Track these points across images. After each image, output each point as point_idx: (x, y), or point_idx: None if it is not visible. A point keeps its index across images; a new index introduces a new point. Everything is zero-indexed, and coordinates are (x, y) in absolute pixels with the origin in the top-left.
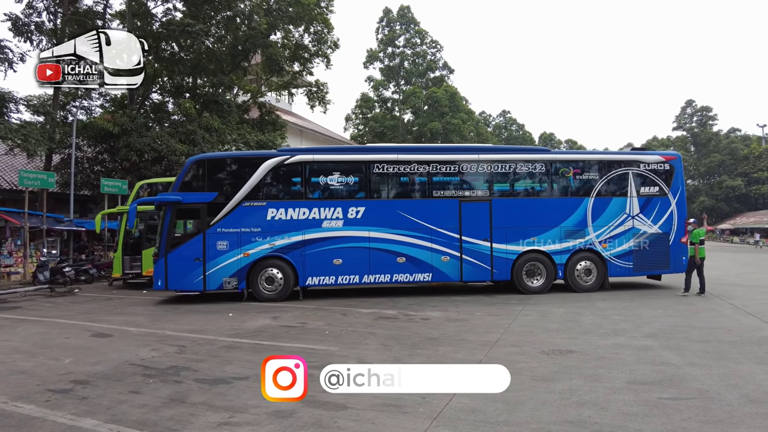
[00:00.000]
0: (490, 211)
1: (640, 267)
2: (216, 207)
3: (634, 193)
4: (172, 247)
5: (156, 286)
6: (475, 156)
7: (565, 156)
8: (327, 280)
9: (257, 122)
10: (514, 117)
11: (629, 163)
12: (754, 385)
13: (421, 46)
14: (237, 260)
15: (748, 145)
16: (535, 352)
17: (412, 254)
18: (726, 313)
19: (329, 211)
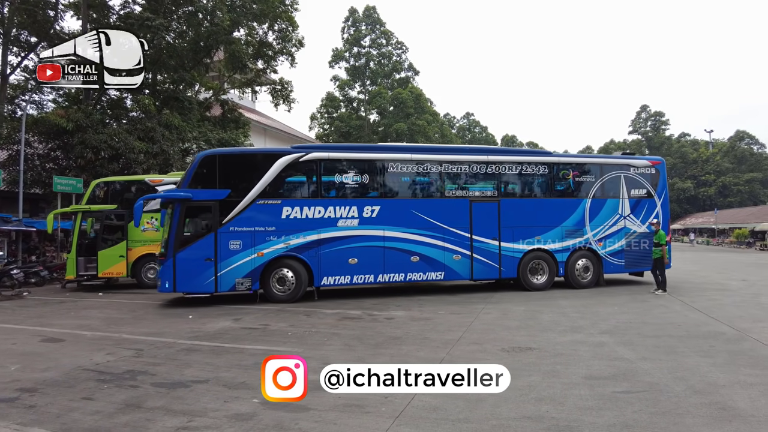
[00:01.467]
0: (498, 211)
1: (630, 264)
2: (228, 205)
3: (626, 195)
4: (181, 247)
5: (162, 288)
6: (485, 157)
7: (566, 159)
8: (342, 279)
9: (219, 120)
10: (477, 119)
11: (621, 166)
12: (699, 377)
13: (387, 46)
14: (251, 260)
15: (697, 149)
16: (496, 349)
17: (425, 253)
18: (676, 310)
19: (344, 209)
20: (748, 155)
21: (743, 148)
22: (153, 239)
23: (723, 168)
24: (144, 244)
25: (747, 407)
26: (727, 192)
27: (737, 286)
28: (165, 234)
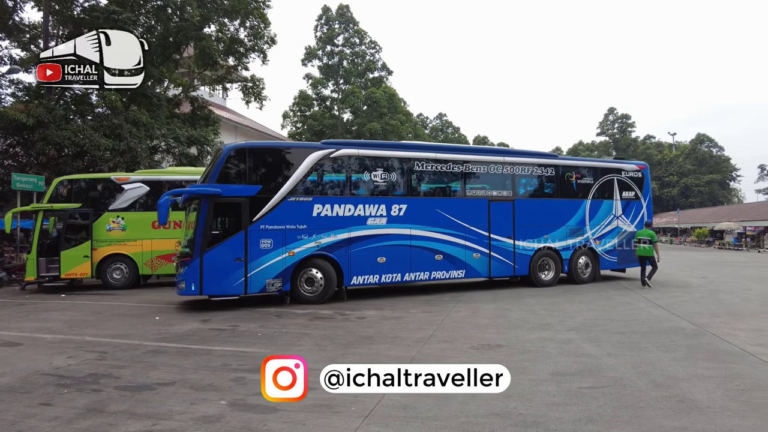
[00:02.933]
0: (513, 211)
1: (622, 261)
2: (258, 202)
3: (618, 196)
4: (209, 246)
5: (187, 291)
6: (501, 158)
7: (570, 162)
8: (371, 279)
9: (189, 117)
10: (450, 120)
11: (615, 170)
12: (660, 371)
13: (360, 46)
14: (282, 260)
15: (661, 151)
16: (466, 347)
17: (448, 251)
18: (640, 306)
19: (374, 207)
20: (708, 157)
21: (703, 150)
22: (119, 239)
23: (685, 169)
24: (110, 243)
25: (704, 399)
26: (689, 193)
27: (698, 283)
28: (189, 232)
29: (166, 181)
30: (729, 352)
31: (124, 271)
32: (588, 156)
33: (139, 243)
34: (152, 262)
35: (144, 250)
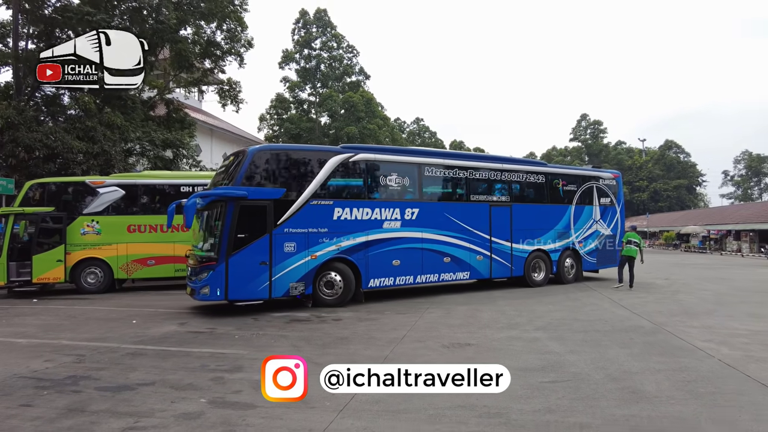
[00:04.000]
0: (510, 215)
1: (600, 262)
2: (282, 205)
3: (597, 202)
4: (235, 250)
5: (212, 296)
6: (500, 165)
7: (558, 170)
8: (387, 281)
9: (164, 120)
10: (427, 125)
11: (594, 178)
12: (616, 366)
13: (338, 50)
14: (305, 263)
15: (631, 156)
16: (437, 346)
17: (455, 254)
18: (604, 307)
19: (389, 211)
20: (676, 163)
21: (672, 156)
22: (93, 243)
23: (654, 174)
24: (84, 248)
25: (653, 390)
26: (658, 197)
27: (661, 284)
28: (213, 236)
29: (142, 185)
30: (680, 348)
31: (98, 276)
32: (561, 161)
33: (114, 247)
34: (128, 266)
35: (119, 254)
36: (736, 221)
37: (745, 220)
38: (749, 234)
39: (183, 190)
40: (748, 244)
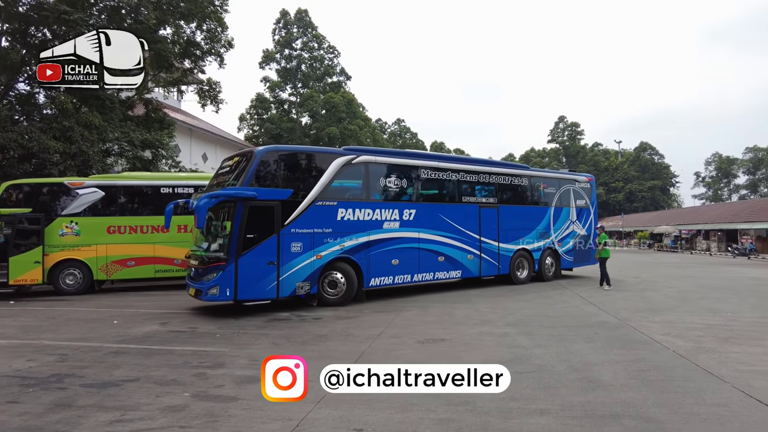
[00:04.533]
0: (497, 216)
1: (576, 260)
2: (289, 205)
3: (573, 204)
4: (244, 250)
5: (221, 296)
6: (489, 168)
7: (538, 173)
8: (386, 280)
9: (143, 120)
10: (408, 126)
11: (571, 181)
12: (579, 358)
13: (319, 50)
14: (310, 263)
15: (608, 158)
16: (412, 341)
17: (448, 253)
18: (574, 304)
19: (389, 212)
20: (650, 164)
21: (646, 158)
22: (72, 244)
23: (630, 176)
24: (63, 249)
25: (609, 379)
26: (633, 198)
27: (631, 282)
28: (221, 237)
29: (122, 186)
30: (640, 341)
31: (77, 277)
32: (540, 162)
33: (93, 248)
34: (107, 267)
35: (99, 256)
36: (706, 221)
37: (714, 220)
38: (717, 234)
39: (163, 192)
40: (716, 244)
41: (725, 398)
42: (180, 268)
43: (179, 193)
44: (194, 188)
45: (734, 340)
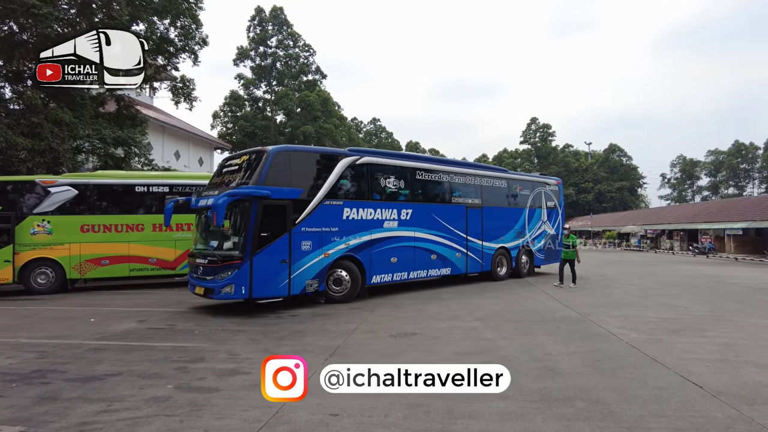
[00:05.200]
0: (481, 216)
1: (547, 258)
2: (299, 204)
3: (545, 205)
4: (259, 249)
5: (236, 294)
6: (475, 171)
7: (516, 176)
8: (386, 277)
9: (114, 116)
10: (383, 125)
11: (543, 183)
12: (540, 350)
13: (294, 48)
14: (319, 261)
15: (578, 159)
16: (385, 336)
17: (440, 251)
18: (540, 300)
19: (389, 212)
20: (619, 166)
21: (615, 159)
22: (44, 243)
23: (599, 176)
24: (34, 248)
25: (566, 367)
26: (602, 198)
27: (595, 280)
28: (235, 235)
29: (96, 185)
30: (597, 334)
31: (49, 276)
32: (512, 163)
33: (66, 247)
34: (81, 266)
35: (72, 254)
36: (669, 221)
37: (677, 221)
38: (680, 233)
39: (138, 190)
40: (679, 243)
41: (665, 382)
42: (155, 266)
43: (154, 192)
44: (169, 187)
45: (682, 332)
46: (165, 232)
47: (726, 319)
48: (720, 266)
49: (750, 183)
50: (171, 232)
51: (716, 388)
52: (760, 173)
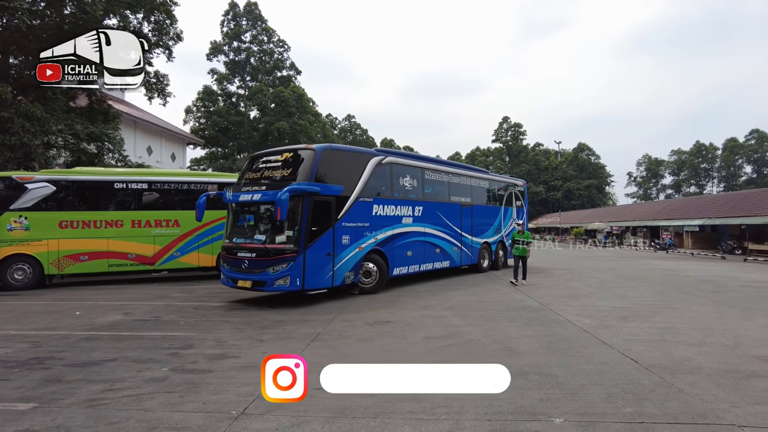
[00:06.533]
0: (471, 214)
1: None
2: (340, 201)
3: (514, 204)
4: (310, 242)
5: (291, 286)
6: (468, 172)
7: (496, 177)
8: (404, 270)
9: (86, 111)
10: (358, 122)
11: (513, 184)
12: (502, 334)
13: (268, 44)
14: (355, 254)
15: (548, 157)
16: (362, 323)
17: (442, 246)
18: (505, 292)
19: (406, 208)
20: (587, 164)
21: (584, 158)
22: (21, 239)
23: (568, 175)
24: (11, 243)
25: (523, 348)
26: (571, 196)
27: (559, 273)
28: (290, 229)
29: (74, 181)
30: (555, 320)
31: (27, 272)
32: (484, 161)
33: (44, 243)
34: (59, 261)
35: (50, 250)
36: (634, 218)
37: (641, 218)
38: (643, 230)
39: (116, 187)
40: (642, 239)
41: (608, 358)
42: (134, 262)
43: (133, 188)
44: (148, 183)
45: (630, 318)
46: (143, 228)
47: (671, 307)
48: (676, 261)
49: (710, 182)
50: (150, 228)
51: (649, 362)
52: (719, 173)
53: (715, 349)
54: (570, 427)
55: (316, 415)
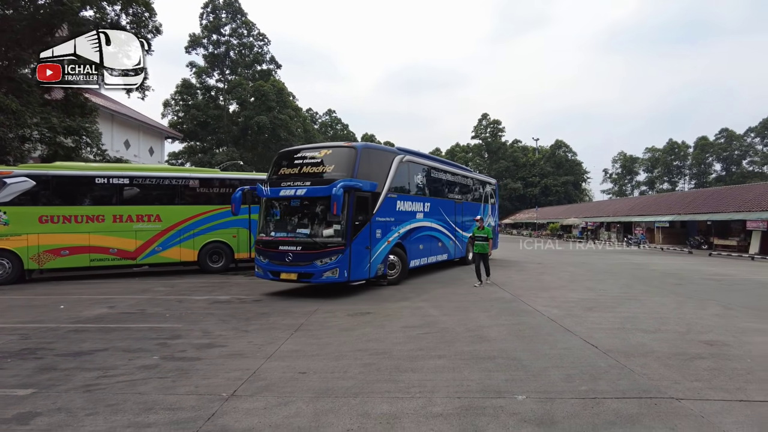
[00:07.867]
0: (462, 210)
1: (493, 246)
2: (375, 197)
3: (490, 201)
4: (354, 236)
5: (340, 278)
6: (462, 171)
7: (479, 176)
8: (417, 262)
9: (62, 104)
10: (339, 117)
11: (489, 183)
12: (475, 324)
13: (248, 37)
14: (384, 248)
15: (526, 154)
16: (344, 314)
17: (442, 239)
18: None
19: (420, 204)
20: (564, 161)
21: (561, 155)
22: (1, 234)
23: (546, 171)
24: None
25: (494, 335)
26: (548, 192)
27: (533, 267)
28: (337, 223)
29: (54, 176)
30: (525, 311)
31: (6, 267)
32: (464, 158)
33: (24, 237)
34: (39, 256)
35: (30, 245)
36: (608, 214)
37: (615, 213)
38: (617, 225)
39: (98, 182)
40: (616, 234)
41: (571, 345)
42: (116, 257)
43: (114, 183)
44: (129, 179)
45: (596, 309)
46: (125, 223)
47: (635, 298)
48: (646, 255)
49: (682, 179)
50: (131, 223)
51: (607, 348)
52: (691, 170)
53: (668, 335)
54: (531, 402)
55: (302, 396)
